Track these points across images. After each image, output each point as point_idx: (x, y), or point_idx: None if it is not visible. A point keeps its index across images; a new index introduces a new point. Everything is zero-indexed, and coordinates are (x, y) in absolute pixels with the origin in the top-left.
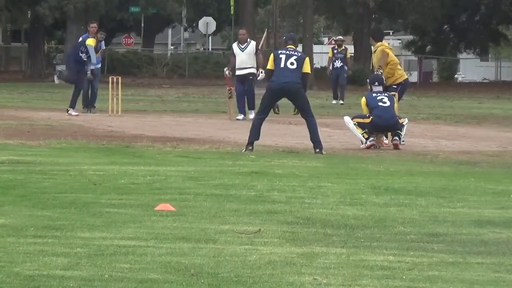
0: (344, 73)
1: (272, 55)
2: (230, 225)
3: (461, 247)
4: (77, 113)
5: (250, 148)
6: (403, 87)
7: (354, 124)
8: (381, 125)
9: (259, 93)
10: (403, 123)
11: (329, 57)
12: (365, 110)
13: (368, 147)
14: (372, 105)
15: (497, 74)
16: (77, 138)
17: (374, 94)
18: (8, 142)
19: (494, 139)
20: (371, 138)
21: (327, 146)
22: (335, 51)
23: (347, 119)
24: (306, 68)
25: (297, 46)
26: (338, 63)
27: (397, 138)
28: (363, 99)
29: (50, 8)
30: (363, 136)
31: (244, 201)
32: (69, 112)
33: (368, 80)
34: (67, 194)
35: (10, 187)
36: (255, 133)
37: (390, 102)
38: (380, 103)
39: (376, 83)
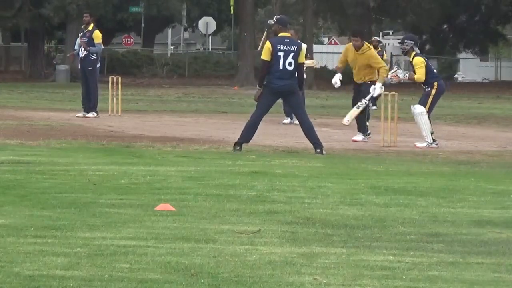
0: None
1: (269, 45)
2: (230, 225)
3: (461, 247)
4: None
5: (238, 148)
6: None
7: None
8: None
9: None
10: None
11: None
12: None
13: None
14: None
15: (497, 74)
16: (77, 138)
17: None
18: (8, 142)
19: (494, 139)
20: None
21: (327, 146)
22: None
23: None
24: (301, 59)
25: (290, 30)
26: None
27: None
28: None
29: (55, 9)
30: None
31: (244, 201)
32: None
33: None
34: (67, 194)
35: (10, 187)
36: (247, 135)
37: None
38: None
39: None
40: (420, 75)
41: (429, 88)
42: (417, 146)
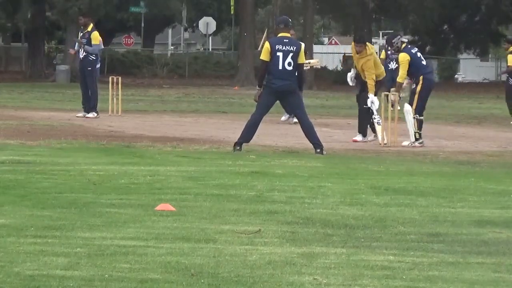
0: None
1: (268, 45)
2: (230, 225)
3: (461, 247)
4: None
5: (238, 148)
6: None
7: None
8: None
9: None
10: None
11: (381, 58)
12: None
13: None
14: None
15: (497, 74)
16: (77, 138)
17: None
18: (8, 142)
19: (494, 139)
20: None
21: (327, 146)
22: (389, 52)
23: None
24: (301, 59)
25: (290, 30)
26: (393, 65)
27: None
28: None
29: (59, 13)
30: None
31: (244, 201)
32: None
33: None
34: (67, 194)
35: (10, 187)
36: (247, 135)
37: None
38: None
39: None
40: (399, 76)
41: (415, 85)
42: (402, 144)
